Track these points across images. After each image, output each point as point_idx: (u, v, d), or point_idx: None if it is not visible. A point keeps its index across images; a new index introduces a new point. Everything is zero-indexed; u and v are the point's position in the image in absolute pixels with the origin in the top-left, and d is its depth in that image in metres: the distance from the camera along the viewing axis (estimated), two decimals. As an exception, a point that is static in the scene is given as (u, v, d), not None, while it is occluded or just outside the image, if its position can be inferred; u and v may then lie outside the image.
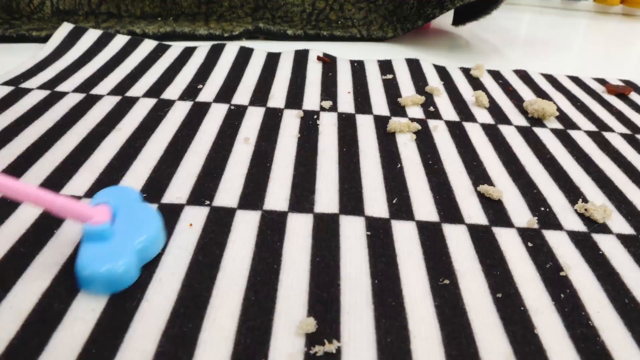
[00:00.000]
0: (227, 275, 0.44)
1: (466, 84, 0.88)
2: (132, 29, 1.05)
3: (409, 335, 0.39)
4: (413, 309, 0.41)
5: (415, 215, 0.54)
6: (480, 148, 0.68)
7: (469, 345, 0.39)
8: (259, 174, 0.58)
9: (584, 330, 0.41)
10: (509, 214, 0.55)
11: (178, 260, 0.46)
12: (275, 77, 0.83)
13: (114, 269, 0.40)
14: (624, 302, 0.44)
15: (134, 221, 0.44)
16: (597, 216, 0.52)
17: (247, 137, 0.63)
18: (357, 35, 1.15)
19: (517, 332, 0.41)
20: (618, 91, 0.83)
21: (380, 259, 0.46)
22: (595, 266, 0.48)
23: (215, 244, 0.47)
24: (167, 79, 0.79)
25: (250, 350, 0.40)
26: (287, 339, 0.38)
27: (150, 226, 0.44)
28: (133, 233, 0.42)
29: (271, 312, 0.40)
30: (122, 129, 0.62)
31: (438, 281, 0.45)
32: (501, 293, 0.44)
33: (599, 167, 0.65)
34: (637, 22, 1.70)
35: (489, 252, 0.49)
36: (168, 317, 0.39)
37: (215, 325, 0.39)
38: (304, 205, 0.53)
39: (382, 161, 0.62)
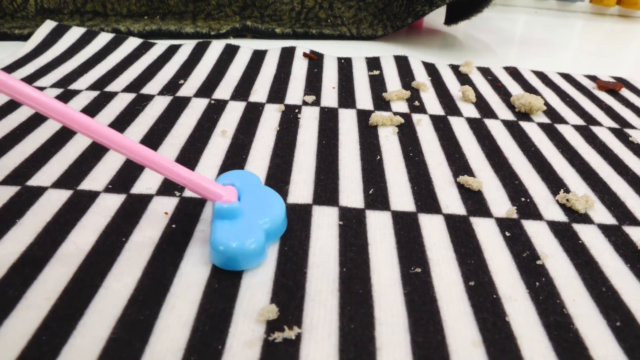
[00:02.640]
0: (192, 263, 0.43)
1: (454, 79, 0.87)
2: (117, 27, 1.04)
3: (374, 322, 0.38)
4: (381, 297, 0.41)
5: (391, 206, 0.53)
6: (463, 141, 0.67)
7: (436, 333, 0.38)
8: (233, 165, 0.56)
9: (557, 318, 0.41)
10: (488, 204, 0.54)
11: (141, 249, 0.47)
12: (259, 73, 0.81)
13: (245, 245, 0.42)
14: (601, 290, 0.44)
15: (259, 202, 0.46)
16: (578, 206, 0.51)
17: (225, 129, 0.59)
18: (347, 33, 1.14)
19: (487, 320, 0.40)
20: (609, 87, 0.82)
21: (351, 247, 0.45)
22: (573, 255, 0.47)
23: (182, 233, 0.47)
24: (149, 75, 0.79)
25: (207, 336, 0.39)
26: (247, 326, 0.38)
27: (275, 208, 0.47)
28: (259, 213, 0.44)
29: (233, 299, 0.39)
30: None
31: (409, 269, 0.44)
32: (474, 281, 0.43)
33: (584, 159, 0.64)
34: (634, 23, 1.69)
35: (465, 242, 0.48)
36: (125, 304, 0.39)
37: (173, 312, 0.38)
38: (277, 196, 0.47)
39: (362, 153, 0.61)
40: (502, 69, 0.91)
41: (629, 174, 0.64)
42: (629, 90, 0.87)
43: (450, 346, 0.38)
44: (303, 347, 0.36)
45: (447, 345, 0.38)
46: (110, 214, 0.48)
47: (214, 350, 0.37)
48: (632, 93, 0.86)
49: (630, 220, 0.55)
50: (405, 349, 0.37)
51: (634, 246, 0.53)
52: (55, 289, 0.39)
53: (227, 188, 0.45)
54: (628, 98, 0.84)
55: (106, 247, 0.43)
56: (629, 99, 0.84)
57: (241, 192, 0.46)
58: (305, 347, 0.36)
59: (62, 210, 0.48)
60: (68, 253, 0.42)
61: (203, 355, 0.35)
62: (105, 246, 0.44)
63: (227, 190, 0.45)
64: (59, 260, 0.41)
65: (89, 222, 0.47)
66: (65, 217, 0.46)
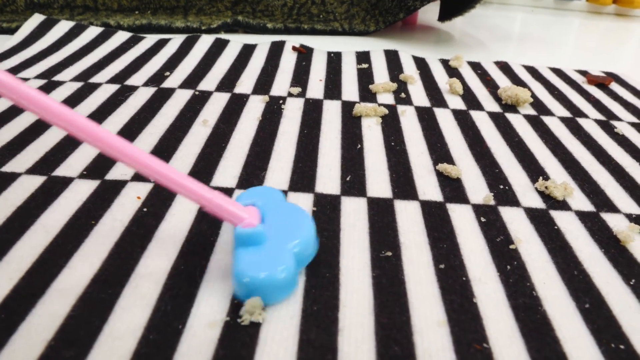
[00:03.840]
0: (160, 246, 0.43)
1: (443, 73, 0.88)
2: (107, 21, 1.04)
3: (338, 304, 0.39)
4: (348, 280, 0.41)
5: (368, 192, 0.53)
6: (447, 131, 0.67)
7: (401, 314, 0.38)
8: (212, 153, 0.56)
9: (526, 300, 0.41)
10: (466, 191, 0.54)
11: (110, 231, 0.47)
12: (247, 66, 0.80)
13: (274, 275, 0.37)
14: (573, 273, 0.44)
15: (285, 223, 0.41)
16: (557, 194, 0.51)
17: (206, 119, 0.59)
18: (339, 29, 1.14)
19: (454, 301, 0.40)
20: (598, 81, 0.82)
21: (322, 233, 0.46)
22: (547, 240, 0.48)
23: (152, 216, 0.47)
24: (135, 67, 0.79)
25: (169, 316, 0.39)
26: (211, 307, 0.38)
27: (304, 228, 0.41)
28: (286, 236, 0.40)
29: (198, 281, 0.40)
30: (78, 112, 0.58)
31: (380, 253, 0.44)
32: (444, 264, 0.44)
33: (567, 149, 0.65)
34: (630, 21, 1.69)
35: (439, 227, 0.48)
36: (88, 283, 0.39)
37: (136, 292, 0.38)
38: (253, 183, 0.52)
39: (343, 142, 0.62)
40: (492, 63, 0.91)
41: (612, 163, 0.64)
42: (619, 84, 0.87)
43: (415, 326, 0.38)
44: (263, 328, 0.36)
45: (411, 326, 0.38)
46: (82, 198, 0.48)
47: (174, 330, 0.37)
48: (622, 87, 0.86)
49: (609, 207, 0.55)
50: (368, 330, 0.37)
51: (610, 232, 0.52)
52: (18, 269, 0.39)
53: (249, 209, 0.41)
54: (617, 92, 0.83)
55: (74, 230, 0.43)
56: (618, 92, 0.83)
57: (264, 212, 0.42)
58: (265, 329, 0.36)
59: (34, 195, 0.48)
60: (36, 235, 0.42)
61: (162, 334, 0.35)
62: (74, 229, 0.44)
63: (249, 212, 0.41)
64: (25, 242, 0.42)
65: (60, 206, 0.46)
66: (36, 202, 0.46)
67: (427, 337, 0.37)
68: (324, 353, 0.34)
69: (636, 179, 0.59)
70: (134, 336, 0.35)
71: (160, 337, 0.35)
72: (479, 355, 0.36)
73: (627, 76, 1.01)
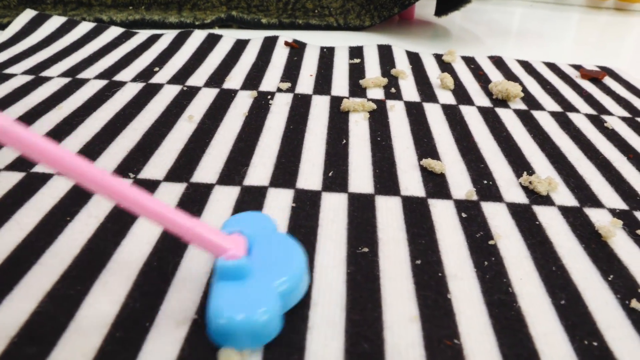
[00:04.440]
0: (133, 242, 0.43)
1: (436, 68, 0.88)
2: (100, 16, 1.03)
3: (309, 302, 0.38)
4: (321, 278, 0.41)
5: (349, 188, 0.53)
6: (434, 126, 0.67)
7: (373, 310, 0.38)
8: (195, 149, 0.55)
9: (501, 296, 0.41)
10: (450, 186, 0.54)
11: (84, 228, 0.45)
12: (238, 61, 0.80)
13: (254, 318, 0.33)
14: (551, 269, 0.44)
15: (273, 256, 0.37)
16: (540, 188, 0.50)
17: (192, 115, 0.58)
18: (334, 24, 1.13)
19: (428, 297, 0.40)
20: (592, 75, 0.81)
21: (300, 229, 0.45)
22: (528, 235, 0.47)
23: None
24: (124, 63, 0.79)
25: (137, 313, 0.39)
26: (180, 305, 0.37)
27: (293, 264, 0.37)
28: (273, 271, 0.35)
29: (170, 278, 0.39)
30: (62, 108, 0.61)
31: (357, 249, 0.44)
32: (421, 260, 0.43)
33: (555, 144, 0.65)
34: (629, 16, 1.68)
35: (419, 222, 0.48)
36: (57, 279, 0.39)
37: (105, 288, 0.38)
38: (234, 178, 0.52)
39: (328, 138, 0.61)
40: (486, 58, 0.90)
41: (599, 157, 0.64)
42: (612, 79, 0.87)
43: (386, 322, 0.37)
44: None
45: (382, 322, 0.37)
46: (59, 194, 0.48)
47: (141, 328, 0.37)
48: (615, 81, 0.85)
49: (593, 202, 0.55)
50: (339, 327, 0.37)
51: (592, 227, 0.52)
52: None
53: (235, 238, 0.37)
54: (610, 86, 0.82)
55: (49, 226, 0.43)
56: (611, 87, 0.82)
57: (252, 242, 0.38)
58: None
59: (11, 192, 0.48)
60: (9, 232, 0.42)
61: (129, 332, 0.35)
62: (49, 225, 0.43)
63: (234, 241, 0.36)
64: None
65: (37, 202, 0.46)
66: (13, 199, 0.46)
67: (397, 333, 0.36)
68: (290, 352, 0.34)
69: (623, 173, 0.59)
70: (100, 333, 0.35)
71: (126, 335, 0.34)
72: (449, 351, 0.36)
73: (621, 70, 1.00)
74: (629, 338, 0.38)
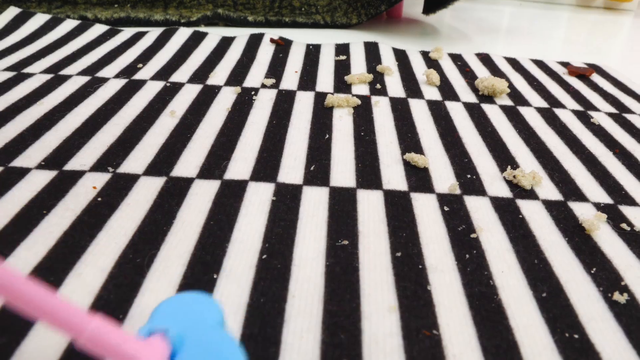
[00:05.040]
0: (109, 235, 0.43)
1: (422, 65, 0.88)
2: (85, 14, 1.02)
3: (286, 295, 0.38)
4: (300, 270, 0.41)
5: (331, 182, 0.53)
6: (419, 121, 0.67)
7: (351, 300, 0.38)
8: (176, 143, 0.55)
9: (482, 289, 0.41)
10: (432, 180, 0.54)
11: (60, 221, 0.45)
12: (223, 58, 0.80)
13: None
14: (533, 262, 0.44)
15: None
16: (524, 182, 0.50)
17: (174, 110, 0.58)
18: (321, 21, 1.13)
19: (408, 288, 0.40)
20: (579, 72, 0.82)
21: (279, 223, 0.46)
22: (510, 228, 0.47)
23: (106, 206, 0.47)
24: (108, 60, 0.79)
25: (111, 305, 0.39)
26: (155, 297, 0.37)
27: None
28: None
29: (145, 270, 0.40)
30: (44, 104, 0.61)
31: (336, 242, 0.44)
32: (401, 252, 0.43)
33: (541, 139, 0.65)
34: (619, 15, 1.68)
35: (400, 216, 0.48)
36: (30, 270, 0.39)
37: (79, 280, 0.38)
38: (214, 172, 0.52)
39: (311, 133, 0.62)
40: (473, 55, 0.91)
41: (585, 152, 0.62)
42: (600, 76, 0.87)
43: (364, 312, 0.37)
44: None
45: (360, 312, 0.37)
46: (37, 189, 0.48)
47: (114, 320, 0.37)
48: (603, 78, 0.85)
49: (577, 196, 0.55)
50: (316, 319, 0.37)
51: (576, 220, 0.50)
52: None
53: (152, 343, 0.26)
54: (597, 83, 0.83)
55: (24, 220, 0.43)
56: (598, 83, 0.83)
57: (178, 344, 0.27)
58: None
59: (-12, 186, 0.47)
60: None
61: None
62: (24, 219, 0.43)
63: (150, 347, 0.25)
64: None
65: (14, 197, 0.46)
66: (-11, 193, 0.46)
67: (375, 323, 0.36)
68: (265, 346, 0.34)
69: (608, 168, 0.59)
70: None
71: None
72: (427, 341, 0.36)
73: (609, 67, 1.00)
74: (610, 330, 0.38)
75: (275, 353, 0.34)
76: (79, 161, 0.52)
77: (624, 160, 0.60)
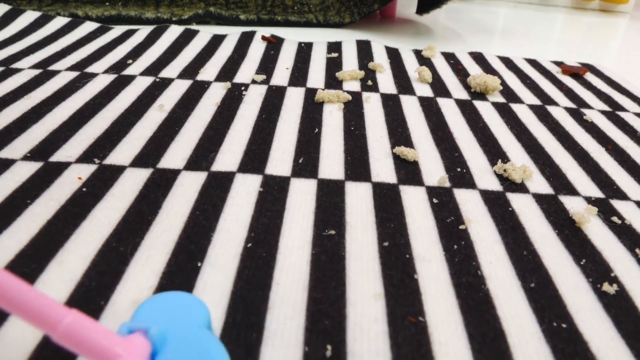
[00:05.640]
0: (93, 224, 0.43)
1: (414, 62, 0.88)
2: (75, 12, 1.02)
3: (270, 283, 0.38)
4: (285, 258, 0.40)
5: (319, 174, 0.53)
6: (410, 117, 0.66)
7: (337, 288, 0.38)
8: (164, 137, 0.56)
9: (470, 279, 0.41)
10: (422, 174, 0.54)
11: (44, 210, 0.45)
12: (214, 55, 0.80)
13: None
14: (522, 253, 0.44)
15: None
16: (515, 176, 0.50)
17: (163, 104, 0.57)
18: (314, 20, 1.12)
19: (394, 277, 0.40)
20: (573, 71, 0.82)
21: (266, 213, 0.46)
22: (499, 221, 0.48)
23: (91, 196, 0.47)
24: (97, 56, 0.80)
25: (92, 292, 0.38)
26: (137, 285, 0.38)
27: None
28: None
29: (128, 258, 0.39)
30: (31, 97, 0.60)
31: (323, 232, 0.44)
32: (389, 242, 0.43)
33: (532, 135, 0.65)
34: (614, 17, 1.68)
35: (389, 207, 0.48)
36: (12, 258, 0.39)
37: (61, 267, 0.38)
38: (201, 164, 0.53)
39: (301, 127, 0.61)
40: (466, 54, 0.92)
41: (577, 148, 0.63)
42: (594, 75, 0.89)
43: (349, 299, 0.37)
44: None
45: (345, 299, 0.37)
46: (21, 179, 0.48)
47: (96, 306, 0.36)
48: (596, 77, 0.86)
49: (568, 190, 0.55)
50: (300, 306, 0.37)
51: (566, 213, 0.50)
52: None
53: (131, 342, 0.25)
54: (591, 81, 0.83)
55: (8, 209, 0.43)
56: (592, 82, 0.83)
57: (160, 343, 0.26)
58: None
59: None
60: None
61: (83, 310, 0.35)
62: (8, 208, 0.43)
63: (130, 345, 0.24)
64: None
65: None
66: (-28, 185, 0.45)
67: (360, 310, 0.36)
68: (249, 333, 0.34)
69: (600, 163, 0.59)
70: None
71: None
72: (413, 328, 0.36)
73: (603, 67, 0.98)
74: (599, 320, 0.38)
75: (257, 339, 0.34)
76: (65, 153, 0.52)
77: (616, 156, 0.61)
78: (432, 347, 0.34)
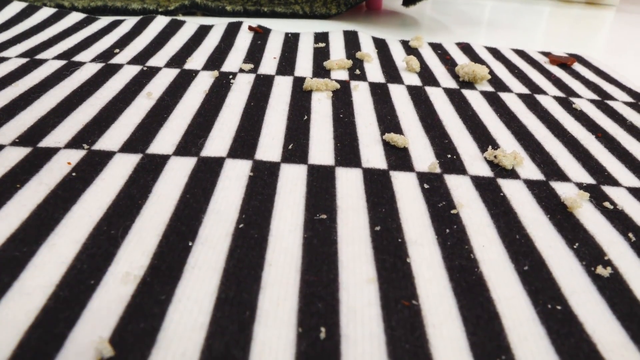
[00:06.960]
0: (83, 207, 0.43)
1: (402, 52, 0.88)
2: (61, 2, 1.01)
3: (263, 264, 0.38)
4: (277, 240, 0.40)
5: (309, 160, 0.52)
6: (399, 105, 0.67)
7: (329, 271, 0.38)
8: (152, 123, 0.54)
9: (463, 262, 0.40)
10: (412, 160, 0.53)
11: (34, 194, 0.45)
12: (201, 44, 0.79)
13: None
14: (515, 237, 0.43)
15: None
16: (505, 162, 0.50)
17: (151, 92, 0.57)
18: (300, 12, 1.12)
19: (387, 261, 0.40)
20: (561, 61, 0.82)
21: (257, 197, 0.45)
22: (491, 205, 0.47)
23: (81, 180, 0.46)
24: (85, 45, 0.79)
25: (83, 274, 0.38)
26: (129, 265, 0.38)
27: None
28: None
29: (119, 241, 0.39)
30: (19, 85, 0.60)
31: (314, 216, 0.44)
32: (380, 227, 0.43)
33: (522, 122, 0.65)
34: (600, 9, 1.68)
35: (379, 192, 0.48)
36: (3, 241, 0.38)
37: (52, 250, 0.38)
38: (190, 150, 0.51)
39: (289, 114, 0.61)
40: (454, 44, 0.92)
41: (567, 136, 0.63)
42: (582, 65, 0.88)
43: (342, 283, 0.37)
44: (180, 285, 0.36)
45: (338, 283, 0.37)
46: (10, 164, 0.47)
47: (87, 287, 0.37)
48: (584, 67, 0.87)
49: (559, 176, 0.54)
50: (293, 287, 0.37)
51: (558, 199, 0.49)
52: None
53: None
54: (579, 71, 0.84)
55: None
56: (580, 72, 0.84)
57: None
58: (182, 285, 0.36)
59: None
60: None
61: (74, 291, 0.35)
62: (-4, 193, 0.42)
63: None
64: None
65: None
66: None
67: (353, 294, 0.36)
68: (241, 311, 0.34)
69: (590, 150, 0.59)
70: (44, 293, 0.34)
71: (71, 294, 0.34)
72: (406, 312, 0.36)
73: (590, 57, 0.99)
74: (593, 302, 0.39)
75: (251, 317, 0.34)
76: (54, 139, 0.52)
77: (606, 143, 0.60)
78: (426, 330, 0.34)
